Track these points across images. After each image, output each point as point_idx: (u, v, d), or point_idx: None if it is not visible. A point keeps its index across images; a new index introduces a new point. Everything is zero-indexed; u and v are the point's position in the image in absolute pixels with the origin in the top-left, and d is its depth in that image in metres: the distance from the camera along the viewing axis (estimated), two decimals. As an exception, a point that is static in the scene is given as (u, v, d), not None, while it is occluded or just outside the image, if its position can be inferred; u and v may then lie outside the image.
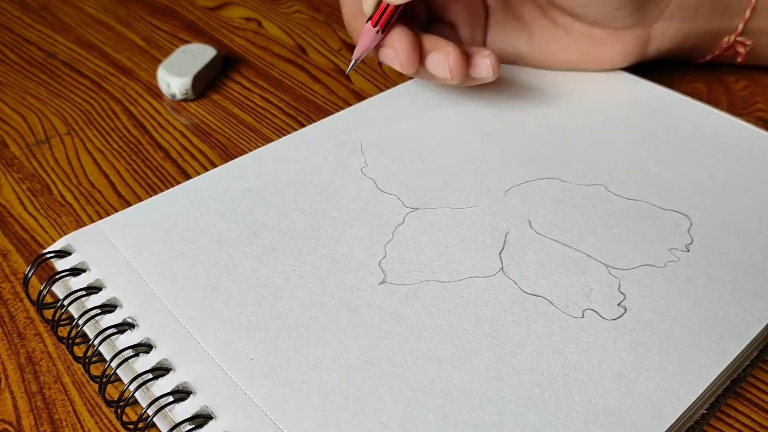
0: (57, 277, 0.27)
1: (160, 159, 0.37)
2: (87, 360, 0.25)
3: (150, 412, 0.23)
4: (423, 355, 0.24)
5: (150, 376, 0.24)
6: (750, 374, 0.26)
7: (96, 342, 0.25)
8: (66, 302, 0.26)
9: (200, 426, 0.23)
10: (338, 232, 0.29)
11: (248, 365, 0.24)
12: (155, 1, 0.52)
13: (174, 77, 0.40)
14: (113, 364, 0.25)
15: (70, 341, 0.26)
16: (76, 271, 0.28)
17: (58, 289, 0.28)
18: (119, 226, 0.30)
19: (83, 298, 0.27)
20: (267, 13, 0.50)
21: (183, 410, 0.23)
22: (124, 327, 0.25)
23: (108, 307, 0.26)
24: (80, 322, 0.26)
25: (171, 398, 0.23)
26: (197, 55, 0.42)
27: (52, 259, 0.28)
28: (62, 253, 0.28)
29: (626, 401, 0.23)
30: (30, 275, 0.28)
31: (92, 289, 0.27)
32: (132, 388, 0.24)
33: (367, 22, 0.32)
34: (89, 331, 0.26)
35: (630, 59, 0.37)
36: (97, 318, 0.26)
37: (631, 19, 0.35)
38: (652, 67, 0.38)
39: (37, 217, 0.34)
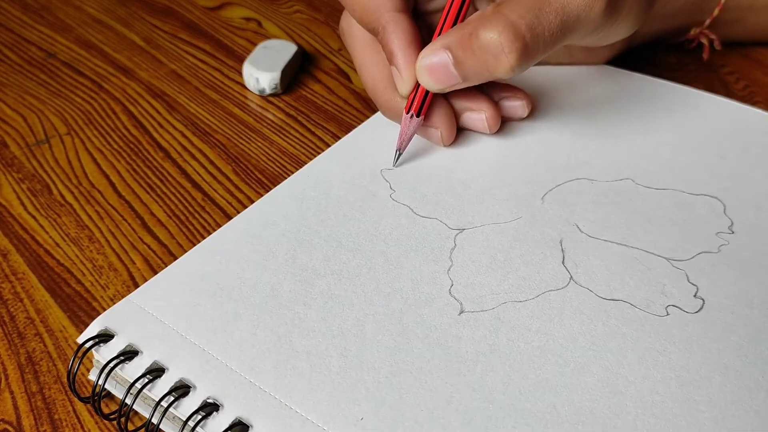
0: (111, 367, 0.24)
1: (160, 159, 0.37)
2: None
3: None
4: (534, 382, 0.24)
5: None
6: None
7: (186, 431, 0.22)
8: (131, 396, 0.24)
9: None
10: (394, 266, 0.28)
11: (361, 426, 0.22)
12: (155, 1, 0.52)
13: (263, 72, 0.40)
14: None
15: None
16: (127, 356, 0.25)
17: (108, 381, 0.25)
18: (155, 297, 0.27)
19: (148, 385, 0.24)
20: (267, 13, 0.50)
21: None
22: (208, 409, 0.23)
23: (182, 389, 0.23)
24: (157, 412, 0.23)
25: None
26: (279, 50, 0.42)
27: (94, 347, 0.25)
28: (103, 338, 0.25)
29: (741, 392, 0.23)
30: (76, 369, 0.25)
31: (154, 373, 0.24)
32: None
33: (407, 111, 0.32)
34: (171, 421, 0.23)
35: (614, 56, 0.40)
36: (174, 404, 0.23)
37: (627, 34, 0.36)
38: (654, 69, 0.39)
39: (37, 217, 0.33)
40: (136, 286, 0.30)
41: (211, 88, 0.42)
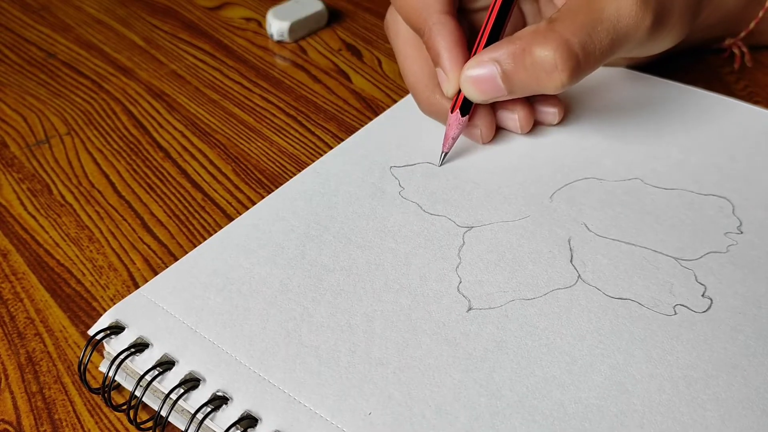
0: (121, 358, 0.24)
1: (160, 159, 0.37)
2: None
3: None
4: (541, 379, 0.24)
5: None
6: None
7: (195, 424, 0.23)
8: (140, 388, 0.24)
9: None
10: (403, 262, 0.28)
11: (369, 421, 0.23)
12: (155, 1, 0.52)
13: (276, 20, 0.45)
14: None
15: (161, 427, 0.23)
16: (137, 348, 0.25)
17: (119, 373, 0.25)
18: (166, 290, 0.27)
19: (158, 378, 0.24)
20: (267, 13, 0.49)
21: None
22: (217, 402, 0.23)
23: (191, 382, 0.24)
24: (167, 404, 0.23)
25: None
26: (305, 5, 0.46)
27: (105, 339, 0.25)
28: (114, 330, 0.25)
29: (749, 391, 0.23)
30: (87, 360, 0.25)
31: (164, 365, 0.24)
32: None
33: (453, 111, 0.32)
34: (180, 413, 0.23)
35: (649, 62, 0.39)
36: (184, 397, 0.23)
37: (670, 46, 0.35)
38: (654, 70, 0.39)
39: (37, 217, 0.34)
40: (136, 286, 0.30)
41: (211, 88, 0.42)
